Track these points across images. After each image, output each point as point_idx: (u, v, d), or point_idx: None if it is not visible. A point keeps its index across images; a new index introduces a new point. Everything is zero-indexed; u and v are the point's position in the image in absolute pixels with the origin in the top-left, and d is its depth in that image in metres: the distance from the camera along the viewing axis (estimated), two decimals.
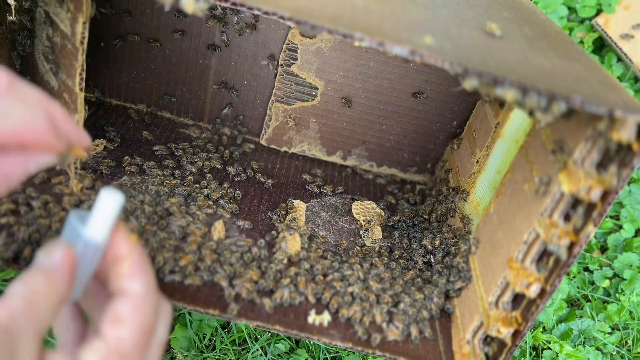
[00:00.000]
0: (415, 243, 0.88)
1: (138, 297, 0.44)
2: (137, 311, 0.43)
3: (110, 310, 0.43)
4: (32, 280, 0.40)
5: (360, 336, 0.70)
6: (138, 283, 0.45)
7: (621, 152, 0.53)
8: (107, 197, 0.44)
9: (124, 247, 0.46)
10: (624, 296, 1.04)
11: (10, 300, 0.39)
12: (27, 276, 0.41)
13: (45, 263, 0.42)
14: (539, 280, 0.61)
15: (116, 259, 0.46)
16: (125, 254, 0.45)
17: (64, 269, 0.42)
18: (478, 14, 0.67)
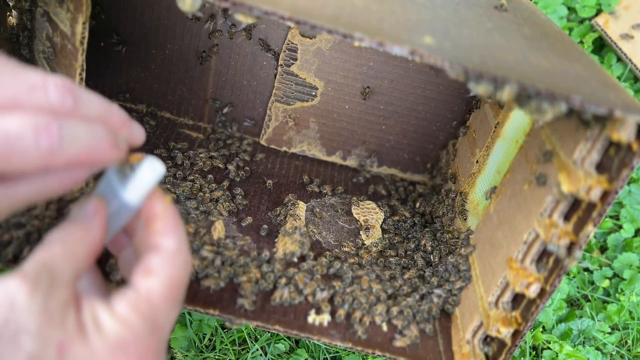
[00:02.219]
0: (415, 243, 0.88)
1: (170, 252, 0.46)
2: (168, 265, 0.45)
3: (142, 263, 0.45)
4: (69, 229, 0.44)
5: (360, 336, 0.70)
6: (171, 239, 0.47)
7: (621, 152, 0.53)
8: (150, 166, 0.46)
9: (158, 207, 0.48)
10: (624, 296, 1.04)
11: (49, 244, 0.42)
12: (64, 225, 0.44)
13: (79, 214, 0.45)
14: (538, 280, 0.61)
15: (150, 218, 0.48)
16: (159, 212, 0.48)
17: (97, 220, 0.45)
18: (477, 14, 0.67)
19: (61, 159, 0.40)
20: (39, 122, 0.39)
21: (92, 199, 0.47)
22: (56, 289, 0.40)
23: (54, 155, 0.39)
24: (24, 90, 0.39)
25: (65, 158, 0.40)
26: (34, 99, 0.40)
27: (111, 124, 0.45)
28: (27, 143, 0.38)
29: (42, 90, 0.40)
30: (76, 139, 0.41)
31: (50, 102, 0.40)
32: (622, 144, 0.53)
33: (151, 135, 0.97)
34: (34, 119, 0.39)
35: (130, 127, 0.48)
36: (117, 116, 0.46)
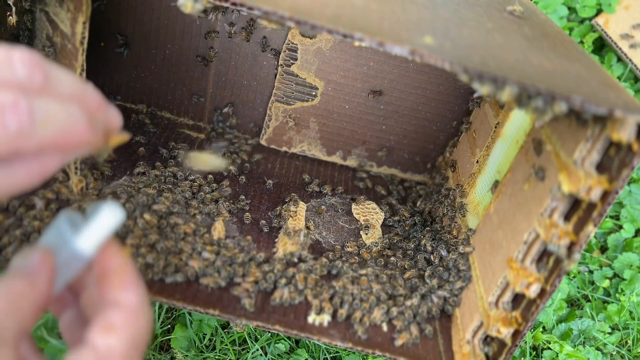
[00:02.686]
0: (415, 243, 0.88)
1: (132, 307, 0.42)
2: (130, 321, 0.41)
3: (101, 319, 0.41)
4: (13, 282, 0.39)
5: (360, 336, 0.70)
6: (132, 294, 0.43)
7: (621, 152, 0.53)
8: (110, 211, 0.42)
9: (115, 260, 0.43)
10: (624, 296, 1.04)
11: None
12: (5, 278, 0.39)
13: (23, 266, 0.40)
14: (538, 280, 0.61)
15: (106, 272, 0.43)
16: (117, 266, 0.43)
17: (43, 272, 0.40)
18: (478, 14, 0.67)
19: (32, 143, 0.35)
20: (4, 99, 0.34)
21: (37, 248, 0.41)
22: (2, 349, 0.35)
23: (23, 138, 0.35)
24: None
25: (36, 141, 0.36)
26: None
27: (86, 104, 0.40)
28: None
29: (6, 65, 0.36)
30: (49, 118, 0.36)
31: (16, 78, 0.36)
32: (623, 144, 0.53)
33: (151, 135, 0.97)
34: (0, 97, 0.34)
35: (107, 109, 0.43)
36: (92, 97, 0.41)
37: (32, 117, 0.35)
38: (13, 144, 0.34)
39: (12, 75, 0.35)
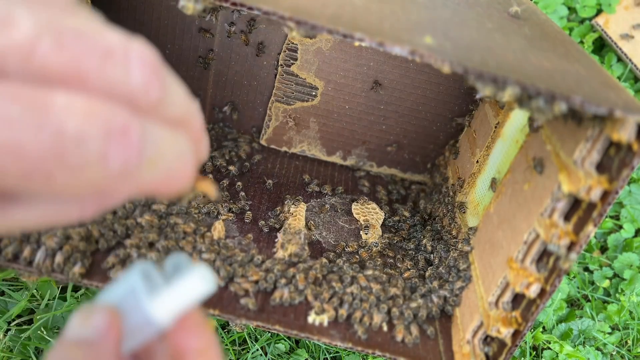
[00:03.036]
0: (415, 243, 0.88)
1: None
2: None
3: None
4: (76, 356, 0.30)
5: (360, 336, 0.70)
6: None
7: (621, 152, 0.53)
8: (196, 277, 0.33)
9: (198, 340, 0.34)
10: (624, 296, 1.04)
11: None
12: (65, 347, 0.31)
13: (86, 330, 0.31)
14: (538, 280, 0.61)
15: (184, 352, 0.34)
16: (199, 349, 0.34)
17: (110, 340, 0.31)
18: (478, 14, 0.67)
19: (127, 187, 0.24)
20: (114, 120, 0.23)
21: (104, 308, 0.32)
22: None
23: (121, 180, 0.24)
24: (94, 55, 0.23)
25: (134, 186, 0.25)
26: (107, 73, 0.24)
27: (192, 133, 0.29)
28: (91, 153, 0.22)
29: (122, 64, 0.24)
30: (159, 156, 0.25)
31: (130, 86, 0.24)
32: (623, 144, 0.53)
33: None
34: (107, 114, 0.23)
35: (204, 139, 0.31)
36: (198, 123, 0.30)
37: (141, 153, 0.24)
38: (103, 184, 0.24)
39: (124, 80, 0.24)
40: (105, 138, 0.23)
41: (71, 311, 0.77)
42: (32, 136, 0.21)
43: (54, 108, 0.22)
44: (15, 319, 0.75)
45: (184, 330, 0.34)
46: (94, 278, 0.67)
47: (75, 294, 0.79)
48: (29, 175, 0.21)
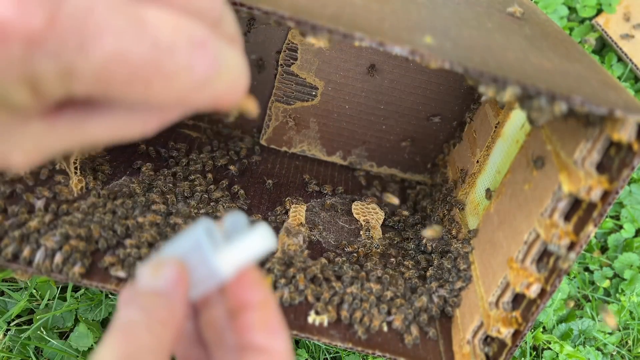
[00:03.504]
0: (415, 243, 0.88)
1: (283, 356, 0.36)
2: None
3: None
4: (153, 307, 0.32)
5: (360, 336, 0.70)
6: (280, 341, 0.36)
7: (621, 152, 0.53)
8: (259, 235, 0.35)
9: (257, 293, 0.36)
10: (624, 296, 1.04)
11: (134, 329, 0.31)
12: (140, 297, 0.32)
13: (157, 282, 0.33)
14: (539, 281, 0.61)
15: (244, 304, 0.36)
16: (259, 302, 0.36)
17: (180, 293, 0.33)
18: (478, 13, 0.66)
19: (202, 97, 0.27)
20: (196, 33, 0.25)
21: (173, 261, 0.34)
22: None
23: (200, 90, 0.26)
24: None
25: (207, 95, 0.27)
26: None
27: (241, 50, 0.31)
28: (180, 63, 0.25)
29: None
30: (228, 69, 0.27)
31: (200, 5, 0.28)
32: (623, 144, 0.53)
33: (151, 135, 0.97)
34: (190, 27, 0.25)
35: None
36: (242, 40, 0.32)
37: (217, 64, 0.26)
38: (187, 92, 0.26)
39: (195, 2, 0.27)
40: (191, 49, 0.25)
41: (71, 311, 0.77)
42: (135, 45, 0.23)
43: (149, 21, 0.24)
44: (15, 319, 0.75)
45: (244, 285, 0.36)
46: (93, 278, 0.67)
47: (75, 294, 0.79)
48: (131, 81, 0.23)
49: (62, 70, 0.22)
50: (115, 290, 0.67)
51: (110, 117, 0.27)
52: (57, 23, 0.21)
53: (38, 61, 0.22)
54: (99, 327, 0.78)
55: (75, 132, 0.26)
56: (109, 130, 0.27)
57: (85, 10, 0.22)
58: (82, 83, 0.23)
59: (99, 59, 0.22)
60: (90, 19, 0.22)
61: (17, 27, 0.21)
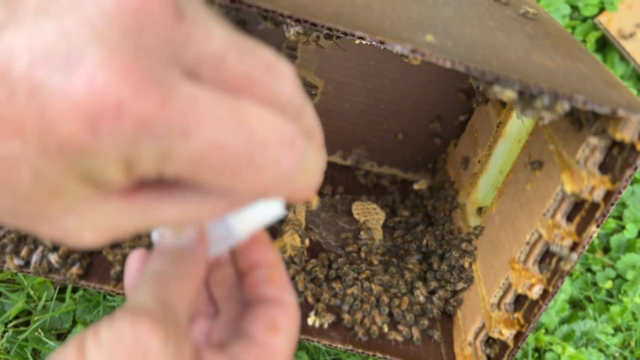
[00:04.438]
0: (416, 243, 0.87)
1: (292, 308, 0.40)
2: (291, 322, 0.39)
3: (265, 317, 0.38)
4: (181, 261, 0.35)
5: (360, 338, 0.70)
6: (290, 294, 0.40)
7: (624, 151, 0.53)
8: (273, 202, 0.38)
9: (269, 254, 0.40)
10: (627, 297, 1.03)
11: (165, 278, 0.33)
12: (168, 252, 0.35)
13: (182, 240, 0.36)
14: (541, 282, 0.61)
15: (257, 263, 0.40)
16: (272, 261, 0.40)
17: (201, 250, 0.36)
18: (480, 12, 0.66)
19: (282, 190, 0.28)
20: (286, 130, 0.26)
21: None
22: (182, 338, 0.31)
23: (281, 184, 0.27)
24: (260, 67, 0.27)
25: (289, 189, 0.28)
26: (269, 84, 0.27)
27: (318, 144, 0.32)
28: (270, 158, 0.26)
29: (277, 77, 0.28)
30: (310, 166, 0.28)
31: (283, 96, 0.28)
32: (626, 144, 0.52)
33: None
34: (282, 123, 0.26)
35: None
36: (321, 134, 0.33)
37: (302, 161, 0.27)
38: (266, 189, 0.27)
39: (280, 92, 0.28)
40: (281, 145, 0.26)
41: (69, 313, 0.76)
42: (232, 136, 0.24)
43: (246, 115, 0.25)
44: (12, 320, 0.75)
45: (256, 247, 0.40)
46: (91, 279, 0.67)
47: (73, 295, 0.79)
48: (222, 169, 0.24)
49: (161, 153, 0.23)
50: (114, 292, 0.67)
51: (184, 200, 0.28)
52: (167, 108, 0.22)
53: (143, 142, 0.22)
54: None
55: (149, 213, 0.27)
56: (180, 212, 0.28)
57: (192, 98, 0.23)
58: (175, 166, 0.24)
59: (198, 146, 0.23)
60: (195, 106, 0.23)
61: (132, 108, 0.21)
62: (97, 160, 0.23)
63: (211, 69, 0.25)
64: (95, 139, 0.22)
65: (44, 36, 0.21)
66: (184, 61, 0.24)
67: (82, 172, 0.23)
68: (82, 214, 0.26)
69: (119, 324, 0.30)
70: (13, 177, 0.23)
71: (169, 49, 0.23)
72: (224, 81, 0.25)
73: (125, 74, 0.21)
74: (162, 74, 0.23)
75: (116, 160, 0.23)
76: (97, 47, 0.21)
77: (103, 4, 0.22)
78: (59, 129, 0.21)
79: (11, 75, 0.21)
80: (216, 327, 0.41)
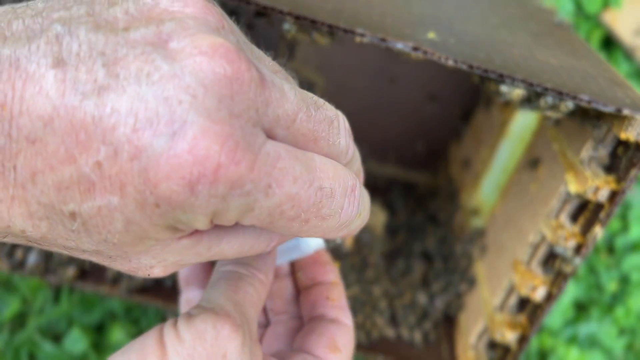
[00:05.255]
0: (418, 245, 0.86)
1: (350, 330, 0.41)
2: (350, 345, 0.41)
3: (326, 336, 0.40)
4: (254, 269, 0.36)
5: (362, 340, 0.69)
6: (349, 316, 0.42)
7: (629, 151, 0.52)
8: None
9: (331, 275, 0.42)
10: (632, 299, 1.03)
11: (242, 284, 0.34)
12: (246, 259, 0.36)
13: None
14: (545, 283, 0.60)
15: (320, 281, 0.42)
16: (333, 281, 0.42)
17: (272, 260, 0.38)
18: (483, 9, 0.65)
19: (339, 233, 0.31)
20: (349, 181, 0.30)
21: None
22: (255, 345, 0.33)
23: (343, 228, 0.31)
24: (324, 124, 0.30)
25: (342, 234, 0.32)
26: (330, 139, 0.30)
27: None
28: (335, 208, 0.29)
29: (337, 131, 0.31)
30: (362, 212, 0.32)
31: (339, 148, 0.31)
32: (631, 143, 0.51)
33: None
34: (344, 174, 0.29)
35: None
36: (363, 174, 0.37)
37: (358, 208, 0.31)
38: (327, 234, 0.30)
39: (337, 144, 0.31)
40: (345, 195, 0.29)
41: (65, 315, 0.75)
42: (306, 189, 0.27)
43: (317, 167, 0.27)
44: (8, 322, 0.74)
45: (319, 264, 0.42)
46: (88, 281, 0.66)
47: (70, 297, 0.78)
48: (294, 219, 0.27)
49: (245, 207, 0.25)
50: (110, 293, 0.66)
51: (242, 238, 0.31)
52: (256, 169, 0.24)
53: (232, 199, 0.25)
54: (93, 331, 0.77)
55: (212, 249, 0.30)
56: (238, 248, 0.31)
57: (275, 156, 0.25)
58: (254, 217, 0.26)
59: (277, 200, 0.26)
60: (277, 163, 0.25)
61: (228, 171, 0.24)
62: (189, 215, 0.25)
63: (284, 128, 0.27)
64: (193, 198, 0.24)
65: (147, 101, 0.23)
66: (264, 123, 0.26)
67: (172, 222, 0.25)
68: (156, 253, 0.28)
69: (200, 324, 0.30)
70: (106, 225, 0.25)
71: (254, 113, 0.25)
72: (293, 138, 0.28)
73: (223, 141, 0.23)
74: (251, 137, 0.24)
75: (206, 215, 0.25)
76: (198, 115, 0.23)
77: (201, 73, 0.23)
78: (161, 188, 0.23)
79: (116, 136, 0.23)
80: (268, 338, 0.42)
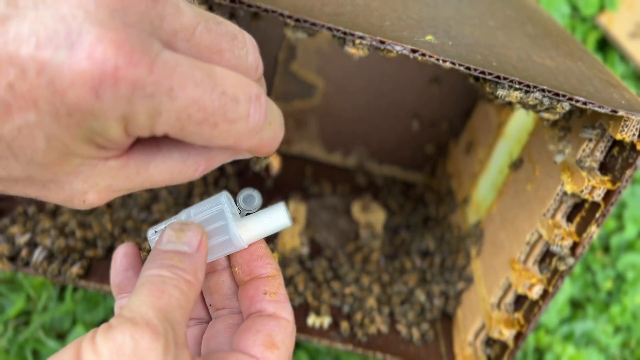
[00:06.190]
0: (416, 244, 0.87)
1: (289, 325, 0.40)
2: (289, 339, 0.39)
3: (263, 334, 0.38)
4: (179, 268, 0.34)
5: (360, 338, 0.69)
6: (288, 310, 0.40)
7: (624, 151, 0.53)
8: (279, 214, 0.39)
9: (269, 267, 0.41)
10: (627, 297, 1.03)
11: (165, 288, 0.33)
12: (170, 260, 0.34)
13: (183, 244, 0.36)
14: (541, 282, 0.60)
15: (256, 274, 0.41)
16: (271, 274, 0.41)
17: (202, 257, 0.36)
18: (480, 11, 0.66)
19: (249, 143, 0.32)
20: (252, 88, 0.31)
21: (196, 226, 0.37)
22: (181, 350, 0.32)
23: (252, 135, 0.32)
24: (227, 37, 0.32)
25: (254, 143, 0.32)
26: (235, 51, 0.32)
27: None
28: (241, 112, 0.30)
29: (242, 46, 0.33)
30: (272, 121, 0.33)
31: (247, 63, 0.33)
32: (626, 144, 0.52)
33: None
34: (247, 83, 0.31)
35: None
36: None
37: (265, 115, 0.32)
38: (240, 139, 0.31)
39: (245, 59, 0.33)
40: (249, 101, 0.30)
41: (69, 313, 0.76)
42: (209, 94, 0.28)
43: (219, 76, 0.29)
44: (12, 320, 0.75)
45: (256, 257, 0.41)
46: (91, 279, 0.67)
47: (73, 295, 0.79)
48: (202, 123, 0.29)
49: (152, 110, 0.27)
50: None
51: (170, 162, 0.33)
52: (155, 71, 0.26)
53: (137, 101, 0.27)
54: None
55: (140, 172, 0.32)
56: (166, 173, 0.33)
57: (173, 63, 0.27)
58: (164, 123, 0.28)
59: (182, 103, 0.28)
60: (177, 70, 0.27)
61: (127, 72, 0.26)
62: (101, 120, 0.27)
63: (184, 40, 0.29)
64: (99, 101, 0.26)
65: (45, 22, 0.25)
66: (161, 35, 0.28)
67: (88, 133, 0.27)
68: (86, 176, 0.30)
69: (118, 336, 0.29)
70: (29, 144, 0.27)
71: (148, 24, 0.27)
72: (196, 50, 0.30)
73: (118, 45, 0.25)
74: (147, 44, 0.27)
75: (116, 119, 0.27)
76: (92, 26, 0.25)
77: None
78: (68, 96, 0.25)
79: (21, 56, 0.25)
80: (208, 335, 0.41)
